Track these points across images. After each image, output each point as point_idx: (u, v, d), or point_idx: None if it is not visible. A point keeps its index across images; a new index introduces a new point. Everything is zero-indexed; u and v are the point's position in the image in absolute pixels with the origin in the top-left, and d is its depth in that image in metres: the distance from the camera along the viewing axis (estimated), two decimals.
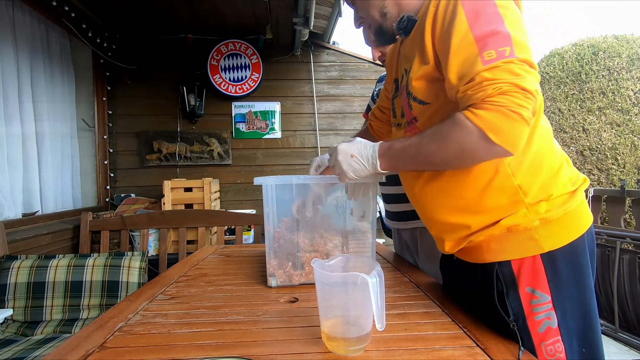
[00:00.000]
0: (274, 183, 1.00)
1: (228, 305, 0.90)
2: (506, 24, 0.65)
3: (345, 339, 0.64)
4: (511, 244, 0.72)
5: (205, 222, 2.64)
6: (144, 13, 2.85)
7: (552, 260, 0.70)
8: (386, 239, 3.20)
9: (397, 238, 1.56)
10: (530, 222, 0.71)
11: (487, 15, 0.65)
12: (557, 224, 0.71)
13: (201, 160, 3.35)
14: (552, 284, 0.70)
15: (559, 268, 0.70)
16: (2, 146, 2.16)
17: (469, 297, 0.85)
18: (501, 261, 0.73)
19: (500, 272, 0.73)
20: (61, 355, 0.65)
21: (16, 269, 1.88)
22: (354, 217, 1.07)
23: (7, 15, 2.25)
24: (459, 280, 0.89)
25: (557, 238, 0.71)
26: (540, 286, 0.70)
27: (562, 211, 0.72)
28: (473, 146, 0.64)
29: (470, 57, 0.64)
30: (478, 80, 0.63)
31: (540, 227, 0.71)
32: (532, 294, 0.70)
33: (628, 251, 2.46)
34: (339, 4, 2.63)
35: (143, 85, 3.29)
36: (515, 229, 0.71)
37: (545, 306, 0.69)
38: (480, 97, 0.62)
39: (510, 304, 0.71)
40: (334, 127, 3.51)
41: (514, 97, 0.60)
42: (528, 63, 0.63)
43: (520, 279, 0.71)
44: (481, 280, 0.76)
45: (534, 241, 0.70)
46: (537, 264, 0.70)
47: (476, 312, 0.81)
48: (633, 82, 3.73)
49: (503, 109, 0.60)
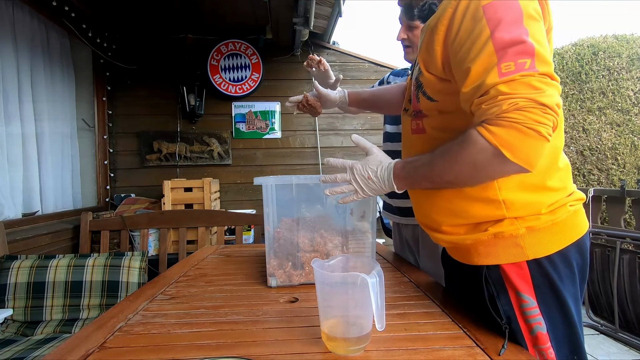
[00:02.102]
0: (274, 183, 1.00)
1: (228, 305, 0.90)
2: (530, 34, 0.60)
3: (345, 339, 0.64)
4: (497, 249, 0.72)
5: (205, 222, 2.64)
6: (144, 13, 2.85)
7: (539, 267, 0.70)
8: (386, 239, 3.20)
9: (397, 235, 1.56)
10: (515, 230, 0.70)
11: (511, 23, 0.61)
12: (544, 233, 0.70)
13: (201, 160, 3.35)
14: (537, 290, 0.70)
15: (545, 275, 0.70)
16: (2, 146, 2.16)
17: (466, 295, 0.86)
18: (489, 265, 0.73)
19: (489, 275, 0.73)
20: (61, 355, 0.65)
21: (16, 269, 1.88)
22: (354, 217, 1.07)
23: (7, 15, 2.25)
24: (458, 277, 0.89)
25: (543, 246, 0.70)
26: (527, 291, 0.70)
27: (550, 220, 0.70)
28: (487, 164, 0.62)
29: (487, 67, 0.61)
30: (493, 94, 0.60)
31: (527, 235, 0.70)
32: (521, 297, 0.70)
33: (628, 251, 2.46)
34: (339, 4, 2.62)
35: (143, 85, 3.29)
36: (501, 235, 0.71)
37: (534, 311, 0.69)
38: (495, 112, 0.59)
39: (502, 307, 0.71)
40: (334, 127, 3.51)
41: (531, 113, 0.57)
42: (549, 76, 0.59)
43: (508, 283, 0.71)
44: (473, 282, 0.77)
45: (520, 248, 0.70)
46: (523, 269, 0.70)
47: (474, 310, 0.82)
48: (633, 82, 3.73)
49: (519, 125, 0.57)
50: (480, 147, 0.61)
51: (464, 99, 0.66)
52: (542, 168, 0.70)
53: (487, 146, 0.60)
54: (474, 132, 0.62)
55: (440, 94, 0.74)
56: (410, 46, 1.36)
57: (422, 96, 0.77)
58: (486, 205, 0.72)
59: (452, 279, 0.96)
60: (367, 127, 3.52)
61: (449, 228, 0.78)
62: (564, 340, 0.70)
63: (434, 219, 0.80)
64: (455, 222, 0.76)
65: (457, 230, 0.76)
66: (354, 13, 5.81)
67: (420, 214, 0.86)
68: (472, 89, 0.63)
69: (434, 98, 0.75)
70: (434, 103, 0.76)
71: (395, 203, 1.47)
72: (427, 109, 0.78)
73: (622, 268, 2.46)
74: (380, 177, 0.78)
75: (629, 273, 2.42)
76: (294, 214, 1.06)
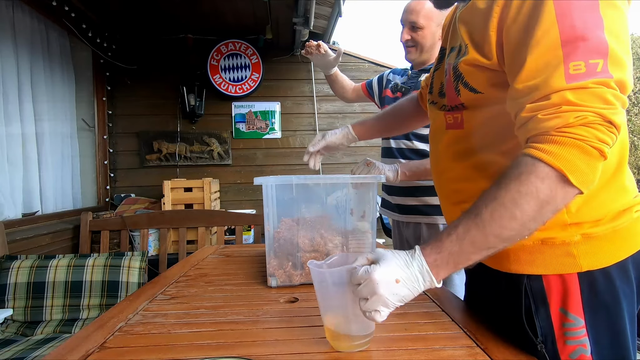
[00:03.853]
0: (274, 183, 1.00)
1: (228, 305, 0.89)
2: (605, 26, 0.49)
3: (349, 335, 0.64)
4: (544, 258, 0.62)
5: (205, 222, 2.64)
6: (144, 13, 2.85)
7: (591, 281, 0.60)
8: (386, 239, 3.20)
9: (397, 234, 1.55)
10: (570, 236, 0.60)
11: (583, 10, 0.50)
12: (603, 241, 0.60)
13: (201, 160, 3.35)
14: (587, 308, 0.60)
15: (598, 291, 0.60)
16: (2, 146, 2.16)
17: (492, 305, 0.75)
18: (530, 274, 0.63)
19: (529, 286, 0.63)
20: (61, 355, 0.65)
21: (16, 269, 1.88)
22: (354, 217, 1.07)
23: (7, 15, 2.25)
24: (483, 284, 0.79)
25: (600, 257, 0.60)
26: (574, 308, 0.60)
27: (610, 227, 0.60)
28: (552, 194, 0.50)
29: (550, 63, 0.50)
30: (556, 101, 0.49)
31: (582, 243, 0.60)
32: (564, 315, 0.60)
33: None
34: (339, 4, 2.62)
35: (143, 85, 3.29)
36: (551, 242, 0.61)
37: (579, 331, 0.60)
38: (555, 125, 0.49)
39: (539, 323, 0.62)
40: (334, 127, 3.47)
41: (597, 131, 0.48)
42: (622, 86, 0.50)
43: (551, 298, 0.61)
44: (505, 291, 0.68)
45: (572, 257, 0.60)
46: (572, 283, 0.60)
47: (498, 322, 0.72)
48: (633, 82, 3.73)
49: (582, 143, 0.48)
50: (541, 174, 0.50)
51: (514, 97, 0.55)
52: (614, 161, 0.60)
53: (549, 172, 0.50)
54: (527, 160, 0.51)
55: (486, 86, 0.63)
56: (414, 46, 1.37)
57: (464, 88, 0.66)
58: None
59: (475, 285, 0.86)
60: None
61: None
62: None
63: None
64: None
65: None
66: (354, 13, 5.77)
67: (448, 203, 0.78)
68: (526, 88, 0.52)
69: (479, 89, 0.64)
70: (479, 95, 0.65)
71: (395, 200, 1.47)
72: (469, 101, 0.67)
73: None
74: (414, 275, 0.57)
75: None
76: (294, 214, 1.05)
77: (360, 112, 3.50)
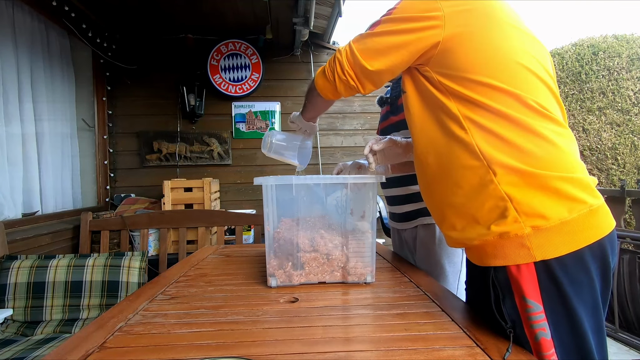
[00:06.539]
0: (274, 183, 1.00)
1: (228, 305, 0.90)
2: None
3: None
4: (504, 250, 0.69)
5: (205, 222, 2.64)
6: (144, 13, 2.85)
7: (548, 270, 0.66)
8: (386, 239, 3.20)
9: (397, 237, 1.56)
10: (520, 229, 0.67)
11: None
12: (552, 233, 0.66)
13: (201, 160, 3.35)
14: (544, 294, 0.66)
15: (554, 278, 0.66)
16: (2, 146, 2.16)
17: (484, 302, 0.81)
18: (496, 266, 0.71)
19: (495, 277, 0.71)
20: (61, 355, 0.65)
21: (16, 269, 1.88)
22: (354, 217, 1.07)
23: (7, 15, 2.25)
24: (472, 280, 0.88)
25: (550, 247, 0.66)
26: (533, 295, 0.67)
27: (557, 220, 0.66)
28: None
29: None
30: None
31: (532, 235, 0.67)
32: (525, 302, 0.67)
33: (628, 251, 2.46)
34: (339, 4, 2.62)
35: (143, 85, 3.29)
36: (507, 236, 0.69)
37: (539, 316, 0.66)
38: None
39: (507, 311, 0.70)
40: (334, 127, 3.51)
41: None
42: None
43: (514, 286, 0.68)
44: (481, 283, 0.76)
45: (526, 249, 0.67)
46: (530, 272, 0.67)
47: (482, 313, 0.80)
48: (633, 82, 3.73)
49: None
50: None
51: None
52: (542, 165, 0.69)
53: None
54: None
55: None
56: None
57: None
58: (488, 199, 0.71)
59: (470, 283, 0.93)
60: (367, 127, 3.52)
61: (456, 228, 0.78)
62: (573, 349, 0.66)
63: (446, 217, 0.80)
64: (459, 224, 0.77)
65: (463, 231, 0.76)
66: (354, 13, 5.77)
67: (431, 211, 0.89)
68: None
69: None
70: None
71: (395, 210, 1.47)
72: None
73: (622, 268, 2.46)
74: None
75: (629, 273, 2.42)
76: (294, 214, 1.06)
77: (360, 112, 3.50)
